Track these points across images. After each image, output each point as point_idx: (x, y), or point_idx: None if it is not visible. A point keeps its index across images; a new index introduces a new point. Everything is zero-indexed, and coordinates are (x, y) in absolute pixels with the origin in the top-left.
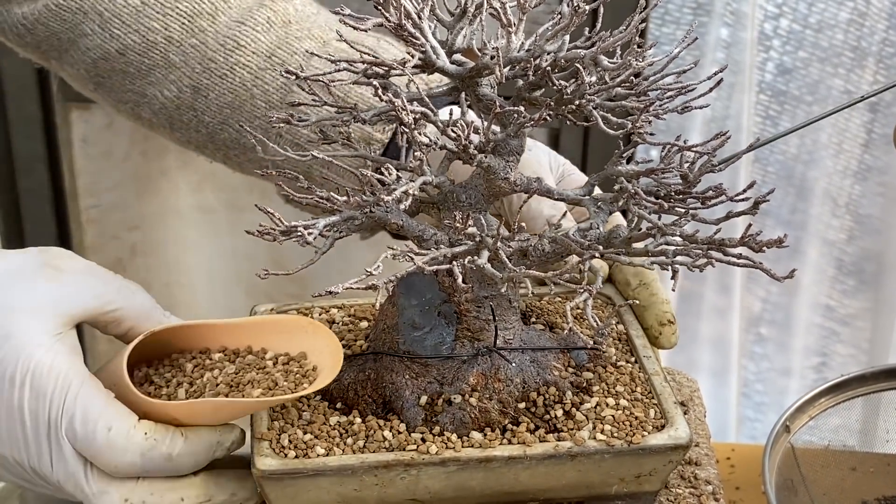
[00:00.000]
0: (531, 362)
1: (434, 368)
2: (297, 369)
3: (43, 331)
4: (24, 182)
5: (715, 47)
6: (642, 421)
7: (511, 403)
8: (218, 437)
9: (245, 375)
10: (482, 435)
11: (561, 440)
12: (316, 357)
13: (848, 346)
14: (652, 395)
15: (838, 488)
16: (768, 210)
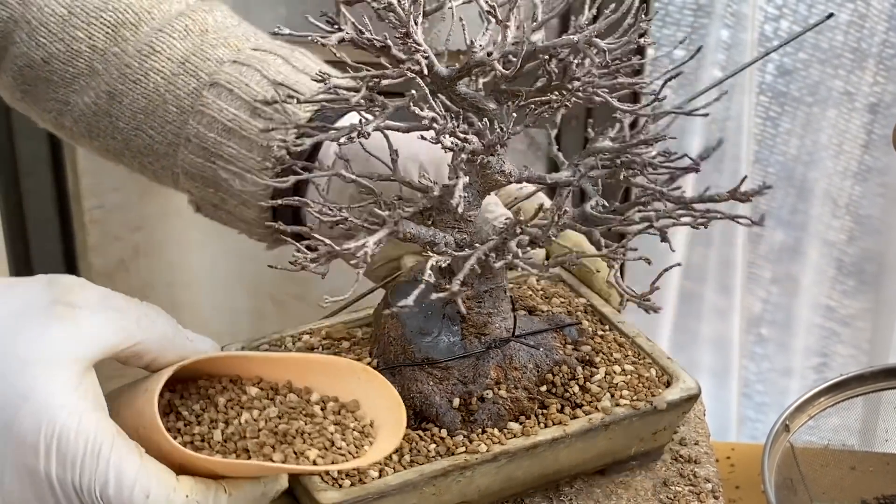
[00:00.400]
0: (537, 346)
1: (455, 370)
2: (354, 424)
3: (63, 387)
4: (28, 183)
5: (715, 49)
6: (651, 380)
7: (533, 388)
8: (262, 489)
9: (292, 424)
10: (520, 425)
11: (589, 413)
12: (371, 409)
13: (848, 347)
14: (643, 356)
15: (838, 487)
16: (769, 211)
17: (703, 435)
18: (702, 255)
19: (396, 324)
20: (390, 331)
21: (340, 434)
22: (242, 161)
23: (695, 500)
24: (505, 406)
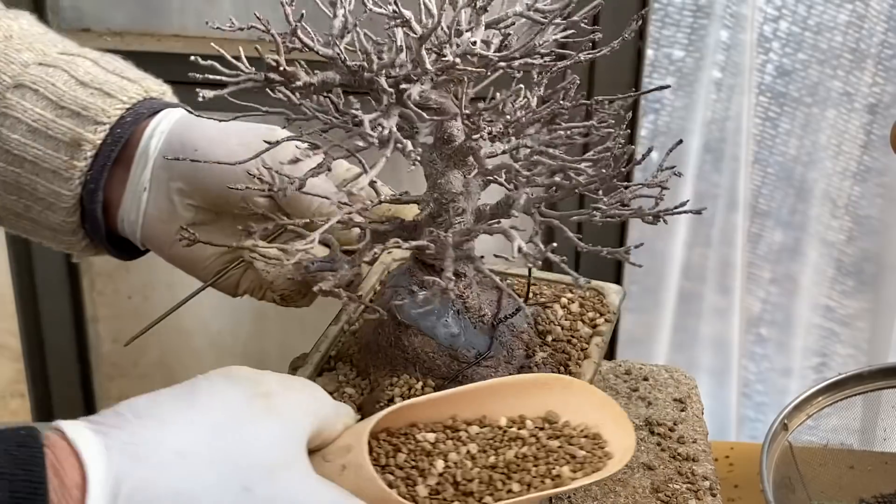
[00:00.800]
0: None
1: (500, 356)
2: (571, 432)
3: (314, 480)
4: None
5: (715, 49)
6: (598, 306)
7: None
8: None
9: (504, 453)
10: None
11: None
12: (573, 413)
13: (847, 347)
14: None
15: (836, 486)
16: (768, 211)
17: (700, 433)
18: (701, 256)
19: (425, 340)
20: (422, 347)
21: (569, 445)
22: (48, 161)
23: (692, 497)
24: (555, 359)
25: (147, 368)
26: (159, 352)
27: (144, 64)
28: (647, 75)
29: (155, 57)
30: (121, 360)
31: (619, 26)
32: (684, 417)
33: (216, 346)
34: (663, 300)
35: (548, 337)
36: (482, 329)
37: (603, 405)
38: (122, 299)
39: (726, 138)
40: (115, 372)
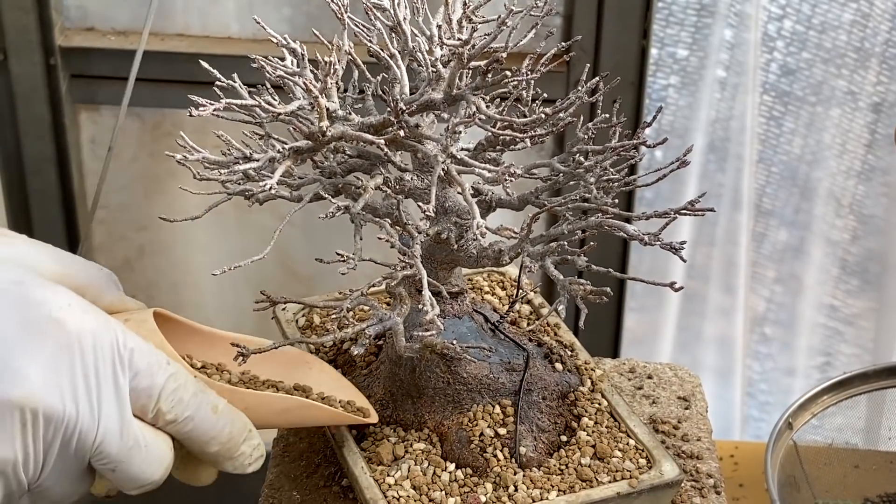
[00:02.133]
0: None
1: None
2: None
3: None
4: (34, 183)
5: (719, 48)
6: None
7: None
8: (250, 426)
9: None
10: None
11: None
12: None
13: (852, 346)
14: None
15: (841, 485)
16: (772, 210)
17: (705, 431)
18: (705, 255)
19: (480, 365)
20: (481, 372)
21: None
22: None
23: (697, 495)
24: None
25: None
26: None
27: (148, 63)
28: (651, 74)
29: (158, 56)
30: None
31: (623, 24)
32: (688, 415)
33: None
34: (667, 299)
35: (524, 325)
36: (494, 336)
37: (341, 384)
38: None
39: (730, 137)
40: None
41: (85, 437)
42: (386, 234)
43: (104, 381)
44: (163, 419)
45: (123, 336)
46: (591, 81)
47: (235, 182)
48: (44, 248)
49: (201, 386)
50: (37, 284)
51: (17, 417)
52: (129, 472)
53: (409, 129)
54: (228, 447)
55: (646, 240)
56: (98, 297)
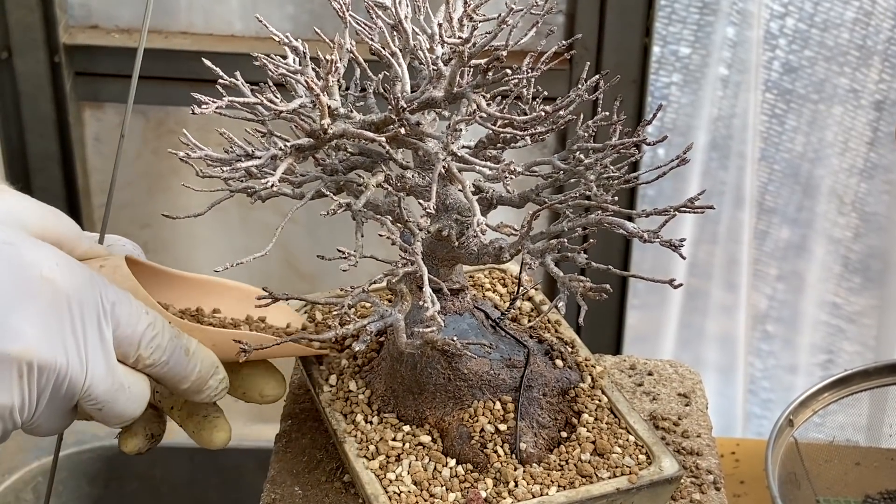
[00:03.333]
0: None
1: (534, 348)
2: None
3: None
4: (38, 180)
5: (721, 46)
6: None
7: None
8: (217, 363)
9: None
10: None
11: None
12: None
13: (854, 344)
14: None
15: (842, 482)
16: (774, 208)
17: (705, 428)
18: (707, 253)
19: (481, 361)
20: (481, 369)
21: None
22: None
23: (697, 491)
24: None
25: None
26: None
27: (152, 61)
28: (654, 72)
29: (162, 54)
30: None
31: (625, 22)
32: (688, 412)
33: None
34: (669, 297)
35: (525, 322)
36: (495, 333)
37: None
38: None
39: (733, 135)
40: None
41: (74, 384)
42: (387, 232)
43: (91, 333)
44: (142, 363)
45: (106, 290)
46: (591, 79)
47: (238, 179)
48: (25, 200)
49: (176, 331)
50: (28, 245)
51: (14, 369)
52: (114, 411)
53: (410, 126)
54: (198, 383)
55: (645, 237)
56: (74, 247)
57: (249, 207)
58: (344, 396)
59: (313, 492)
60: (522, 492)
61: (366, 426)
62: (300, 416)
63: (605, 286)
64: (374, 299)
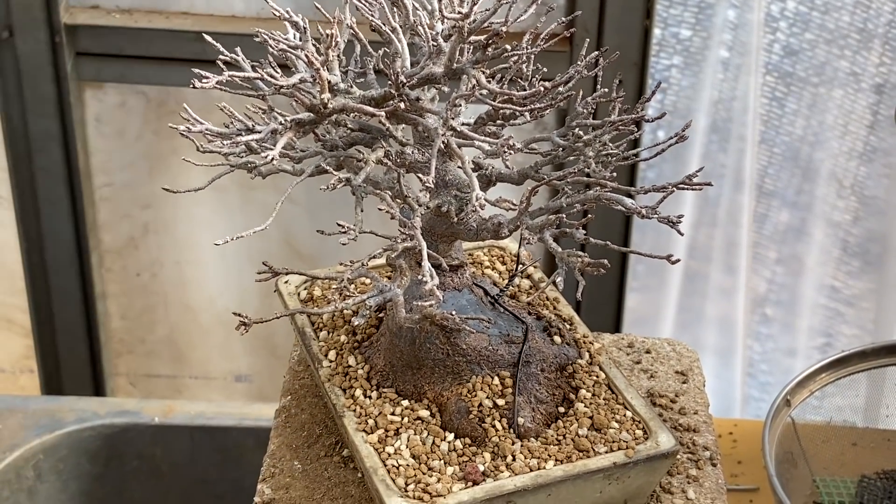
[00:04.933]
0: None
1: (533, 325)
2: None
3: None
4: (39, 161)
5: (722, 29)
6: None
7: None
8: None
9: None
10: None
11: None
12: None
13: (853, 327)
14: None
15: (838, 462)
16: (774, 191)
17: (702, 405)
18: (707, 236)
19: (479, 337)
20: (480, 344)
21: None
22: None
23: (693, 467)
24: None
25: (154, 345)
26: (167, 328)
27: (153, 41)
28: (655, 54)
29: (163, 34)
30: (128, 337)
31: (626, 5)
32: (686, 389)
33: (223, 322)
34: (669, 280)
35: (523, 299)
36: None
37: None
38: (131, 276)
39: (733, 118)
40: (122, 348)
41: None
42: (386, 206)
43: None
44: None
45: None
46: (591, 55)
47: (238, 155)
48: None
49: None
50: None
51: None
52: None
53: (409, 101)
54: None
55: (643, 213)
56: None
57: (250, 188)
58: (343, 372)
59: (312, 466)
60: (520, 466)
61: (365, 401)
62: (299, 391)
63: (602, 261)
64: (374, 275)
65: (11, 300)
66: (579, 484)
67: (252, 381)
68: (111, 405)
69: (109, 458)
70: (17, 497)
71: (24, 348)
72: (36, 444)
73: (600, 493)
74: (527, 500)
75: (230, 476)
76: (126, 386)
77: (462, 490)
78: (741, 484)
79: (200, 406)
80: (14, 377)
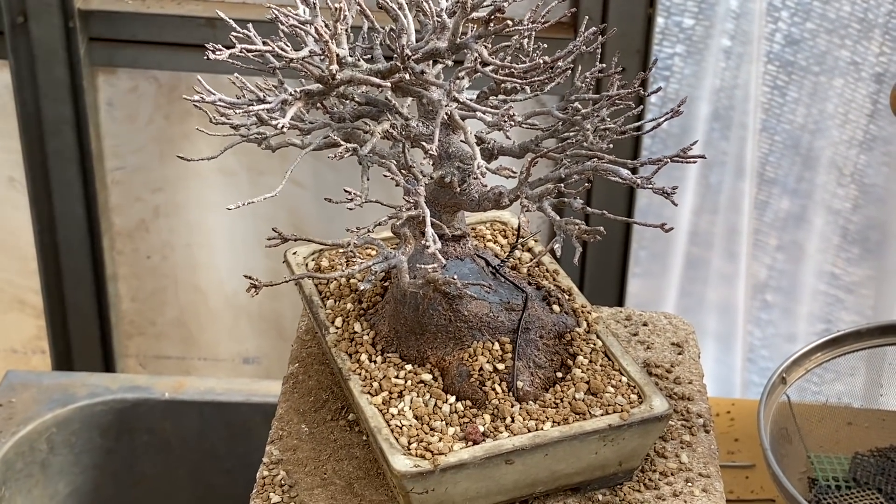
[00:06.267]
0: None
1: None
2: None
3: None
4: (52, 144)
5: (724, 18)
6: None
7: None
8: None
9: None
10: None
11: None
12: None
13: (852, 313)
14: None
15: (833, 440)
16: (775, 179)
17: (696, 375)
18: (708, 222)
19: (480, 304)
20: (481, 311)
21: None
22: None
23: (687, 433)
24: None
25: (164, 327)
26: (177, 310)
27: (165, 27)
28: (657, 43)
29: (174, 20)
30: (139, 318)
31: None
32: (681, 360)
33: (232, 305)
34: (670, 265)
35: (523, 270)
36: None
37: None
38: (142, 258)
39: (734, 106)
40: (133, 330)
41: None
42: (392, 175)
43: None
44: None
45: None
46: (588, 31)
47: (248, 127)
48: None
49: None
50: None
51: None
52: None
53: (414, 74)
54: None
55: (639, 183)
56: None
57: (258, 173)
58: (349, 337)
59: (319, 429)
60: (518, 427)
61: (370, 365)
62: (307, 359)
63: (598, 228)
64: (379, 242)
65: (24, 282)
66: (575, 445)
67: (260, 363)
68: (123, 381)
69: (120, 433)
70: (31, 469)
71: (36, 329)
72: (49, 418)
73: (595, 455)
74: (525, 459)
75: (238, 451)
76: (136, 367)
77: (463, 449)
78: (737, 461)
79: (210, 382)
80: (26, 357)
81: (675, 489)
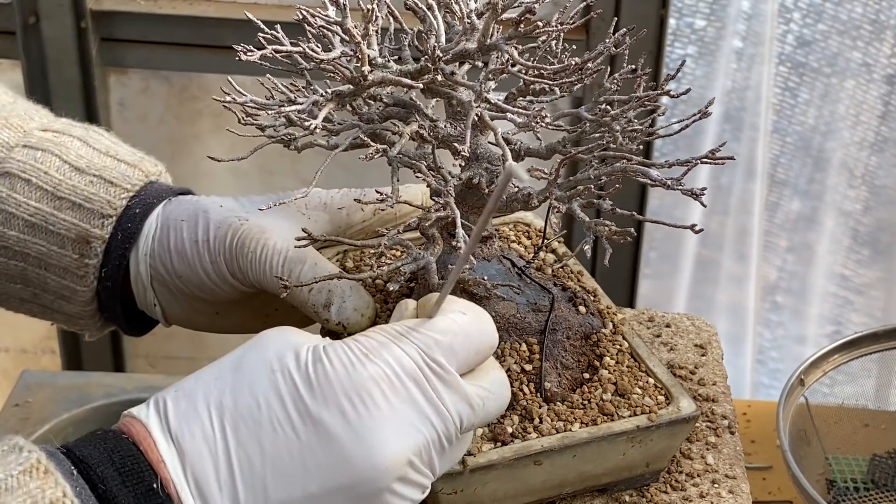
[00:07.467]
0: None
1: (558, 295)
2: None
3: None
4: None
5: (736, 19)
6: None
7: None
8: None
9: None
10: None
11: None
12: None
13: (862, 315)
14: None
15: (850, 442)
16: (786, 180)
17: (720, 377)
18: (719, 223)
19: (508, 304)
20: (509, 311)
21: None
22: (55, 259)
23: (712, 434)
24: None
25: (174, 327)
26: None
27: (176, 27)
28: (669, 44)
29: (186, 21)
30: None
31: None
32: (704, 362)
33: None
34: (681, 267)
35: (547, 271)
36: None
37: None
38: None
39: (746, 107)
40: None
41: (449, 436)
42: (423, 176)
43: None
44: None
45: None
46: (619, 33)
47: (276, 128)
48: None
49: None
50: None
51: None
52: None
53: (445, 75)
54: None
55: (669, 184)
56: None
57: (270, 173)
58: None
59: None
60: (547, 428)
61: None
62: None
63: (629, 230)
64: (408, 243)
65: None
66: (603, 446)
67: None
68: (137, 381)
69: None
70: None
71: (46, 329)
72: (65, 418)
73: (623, 456)
74: (553, 460)
75: None
76: (145, 367)
77: (492, 450)
78: (755, 462)
79: None
80: (36, 358)
81: (701, 490)
